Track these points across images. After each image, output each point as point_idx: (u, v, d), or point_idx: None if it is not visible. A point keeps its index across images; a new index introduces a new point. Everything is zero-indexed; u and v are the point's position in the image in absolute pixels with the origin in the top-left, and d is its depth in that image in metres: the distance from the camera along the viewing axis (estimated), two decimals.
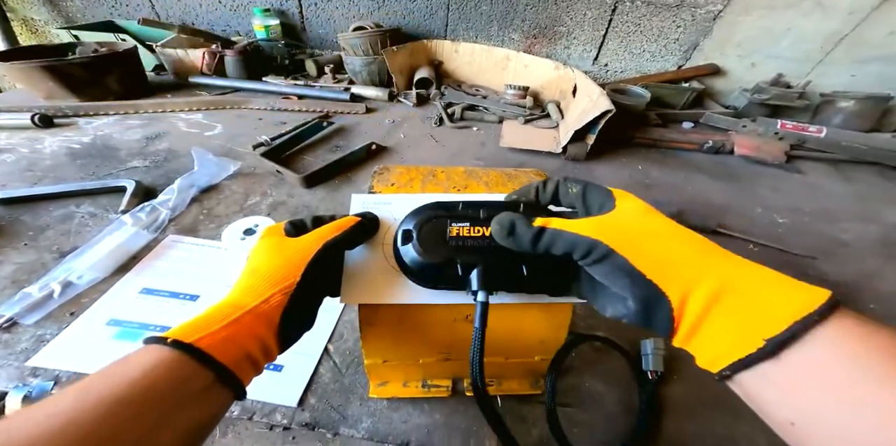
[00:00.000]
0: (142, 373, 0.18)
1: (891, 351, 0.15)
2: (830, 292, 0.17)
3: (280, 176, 0.69)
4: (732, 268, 0.19)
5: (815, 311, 0.16)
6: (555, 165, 0.81)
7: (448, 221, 0.27)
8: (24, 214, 0.56)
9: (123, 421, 0.17)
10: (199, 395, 0.20)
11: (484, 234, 0.26)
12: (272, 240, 0.27)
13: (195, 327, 0.21)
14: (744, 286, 0.18)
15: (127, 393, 0.17)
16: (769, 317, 0.17)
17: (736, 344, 0.17)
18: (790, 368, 0.16)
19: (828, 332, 0.16)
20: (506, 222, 0.24)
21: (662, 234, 0.21)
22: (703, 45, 1.09)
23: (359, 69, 1.05)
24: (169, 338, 0.20)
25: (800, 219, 0.71)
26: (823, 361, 0.16)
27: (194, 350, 0.20)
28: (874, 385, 0.15)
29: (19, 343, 0.41)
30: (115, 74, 0.90)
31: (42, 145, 0.73)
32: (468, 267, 0.25)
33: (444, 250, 0.26)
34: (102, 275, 0.48)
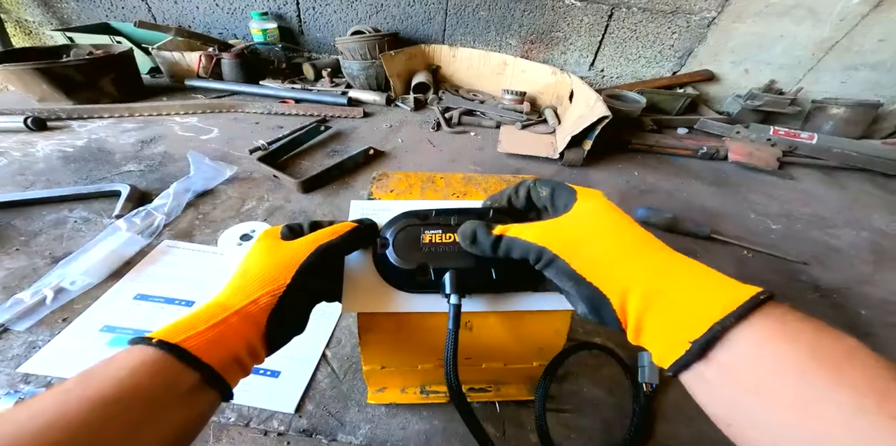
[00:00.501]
0: (126, 373, 0.18)
1: (812, 349, 0.15)
2: (758, 289, 0.17)
3: (277, 180, 0.69)
4: (664, 268, 0.20)
5: (733, 312, 0.16)
6: (552, 171, 0.82)
7: (422, 229, 0.28)
8: (16, 219, 0.56)
9: (106, 421, 0.16)
10: (185, 396, 0.19)
11: (455, 240, 0.27)
12: (266, 243, 0.27)
13: (181, 327, 0.21)
14: (673, 286, 0.19)
15: (110, 392, 0.17)
16: (695, 318, 0.17)
17: (670, 346, 0.18)
18: (720, 369, 0.17)
19: (750, 332, 0.16)
20: (468, 231, 0.25)
21: (603, 236, 0.22)
22: (697, 51, 1.10)
23: (356, 73, 1.05)
24: (154, 339, 0.20)
25: (792, 225, 0.72)
26: (748, 361, 0.16)
27: (180, 350, 0.20)
28: (796, 385, 0.15)
29: (10, 349, 0.40)
30: (110, 77, 0.89)
31: (35, 148, 0.73)
32: (440, 271, 0.27)
33: (418, 256, 0.27)
34: (96, 280, 0.48)
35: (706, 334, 0.16)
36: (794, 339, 0.16)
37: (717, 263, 0.61)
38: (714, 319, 0.17)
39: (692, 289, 0.18)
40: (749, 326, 0.16)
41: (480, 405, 0.39)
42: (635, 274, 0.20)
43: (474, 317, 0.31)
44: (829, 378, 0.14)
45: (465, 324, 0.30)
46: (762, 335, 0.16)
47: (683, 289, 0.18)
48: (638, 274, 0.20)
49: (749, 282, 0.57)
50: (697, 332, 0.17)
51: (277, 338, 0.25)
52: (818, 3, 0.96)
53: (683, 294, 0.18)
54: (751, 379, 0.16)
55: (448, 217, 0.29)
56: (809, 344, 0.16)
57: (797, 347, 0.15)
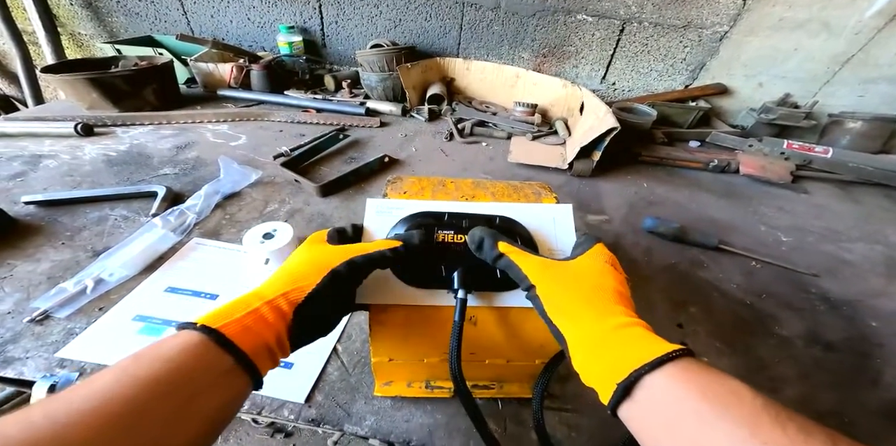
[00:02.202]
0: (174, 354, 0.20)
1: (703, 390, 0.19)
2: (679, 346, 0.21)
3: (298, 185, 0.73)
4: (612, 326, 0.24)
5: (650, 362, 0.20)
6: (560, 181, 0.84)
7: (435, 228, 0.31)
8: (63, 216, 0.61)
9: (157, 398, 0.18)
10: (222, 378, 0.21)
11: (465, 241, 0.30)
12: (311, 245, 0.30)
13: (222, 314, 0.23)
14: (614, 340, 0.23)
15: (159, 372, 0.19)
16: (623, 367, 0.21)
17: (605, 387, 0.22)
18: (640, 407, 0.20)
19: (660, 378, 0.20)
20: (476, 237, 0.30)
21: (581, 290, 0.26)
22: (709, 64, 1.11)
23: (374, 85, 1.11)
24: (198, 324, 0.22)
25: (804, 238, 0.71)
26: (658, 401, 0.20)
27: (218, 335, 0.22)
28: (692, 420, 0.18)
29: (50, 335, 0.43)
30: (152, 87, 0.96)
31: (82, 152, 0.79)
32: (451, 269, 0.30)
33: (432, 251, 0.30)
34: (132, 273, 0.51)
35: (627, 378, 0.20)
36: (691, 382, 0.20)
37: (724, 273, 0.62)
38: (635, 367, 0.20)
39: (629, 345, 0.22)
40: (660, 373, 0.20)
41: (483, 401, 0.40)
42: (588, 327, 0.24)
43: (479, 312, 0.32)
44: (715, 413, 0.18)
45: (469, 318, 0.32)
46: (669, 380, 0.20)
47: (622, 344, 0.23)
48: (590, 327, 0.24)
49: (756, 292, 0.58)
50: (622, 376, 0.21)
51: (302, 334, 0.26)
52: (832, 17, 0.96)
53: (620, 348, 0.22)
54: (662, 417, 0.20)
55: (461, 220, 0.32)
56: (701, 386, 0.19)
57: (693, 388, 0.19)
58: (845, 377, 0.47)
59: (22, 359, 0.40)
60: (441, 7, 1.13)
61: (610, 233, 0.68)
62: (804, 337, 0.51)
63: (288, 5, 1.18)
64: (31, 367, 0.40)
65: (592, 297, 0.26)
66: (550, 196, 0.39)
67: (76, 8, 1.23)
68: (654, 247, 0.65)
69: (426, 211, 0.33)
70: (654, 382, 0.20)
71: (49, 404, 0.17)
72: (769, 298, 0.57)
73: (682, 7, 1.02)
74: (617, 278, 0.27)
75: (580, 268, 0.28)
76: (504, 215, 0.33)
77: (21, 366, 0.40)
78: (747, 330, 0.51)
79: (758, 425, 0.17)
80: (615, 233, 0.68)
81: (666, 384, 0.20)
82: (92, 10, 1.24)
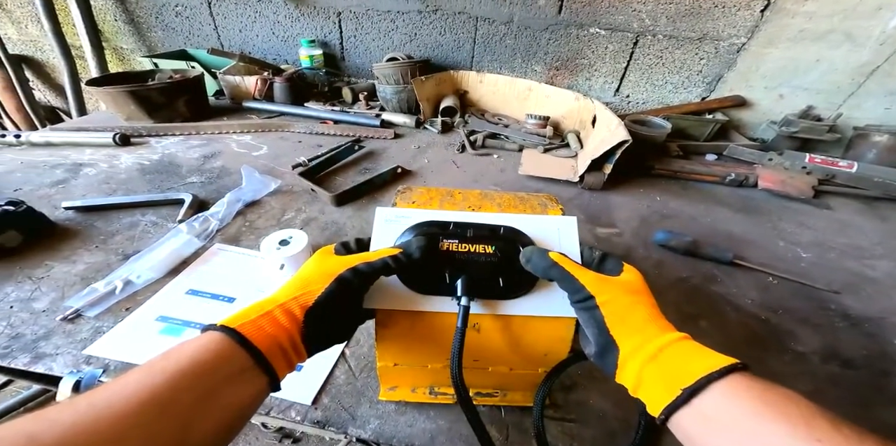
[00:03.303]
0: (196, 352, 0.23)
1: (762, 396, 0.21)
2: (737, 360, 0.23)
3: (314, 194, 0.76)
4: (671, 339, 0.25)
5: (717, 370, 0.22)
6: (571, 193, 0.84)
7: (440, 237, 0.32)
8: (98, 221, 0.65)
9: (181, 390, 0.21)
10: (240, 375, 0.23)
11: (469, 250, 0.31)
12: (320, 255, 0.32)
13: (240, 316, 0.26)
14: (674, 352, 0.25)
15: (184, 366, 0.22)
16: (687, 374, 0.23)
17: (665, 394, 0.23)
18: (700, 413, 0.22)
19: (725, 386, 0.22)
20: (528, 252, 0.32)
21: (636, 304, 0.28)
22: (727, 76, 1.10)
23: (390, 97, 1.14)
24: (219, 324, 0.25)
25: (825, 254, 0.69)
26: (722, 406, 0.21)
27: (236, 334, 0.24)
28: (750, 421, 0.20)
29: (80, 333, 0.46)
30: (184, 99, 1.02)
31: (119, 161, 0.85)
32: (455, 276, 0.31)
33: (437, 262, 0.31)
34: (157, 275, 0.54)
35: (695, 383, 0.22)
36: (752, 390, 0.21)
37: (739, 288, 0.61)
38: (702, 374, 0.22)
39: (688, 355, 0.25)
40: (724, 382, 0.22)
41: (486, 409, 0.40)
42: (649, 339, 0.26)
43: (483, 319, 0.33)
44: (774, 414, 0.20)
45: (473, 325, 0.33)
46: (730, 388, 0.22)
47: (681, 354, 0.25)
48: (651, 340, 0.26)
49: (772, 308, 0.58)
50: (688, 382, 0.22)
51: (316, 337, 0.28)
52: (855, 28, 0.94)
53: (681, 358, 0.24)
54: (722, 420, 0.21)
55: (465, 229, 0.33)
56: (760, 392, 0.21)
57: (753, 395, 0.21)
58: (863, 394, 0.45)
59: (52, 356, 0.43)
60: (455, 22, 1.16)
61: (620, 246, 0.68)
62: (821, 354, 0.49)
63: (310, 20, 1.24)
64: (59, 363, 0.42)
65: (653, 312, 0.28)
66: (556, 207, 0.40)
67: (120, 23, 1.32)
68: (665, 260, 0.64)
69: (432, 220, 0.34)
70: (718, 389, 0.22)
71: (92, 394, 0.19)
72: (785, 314, 0.55)
73: (698, 20, 1.02)
74: (652, 296, 0.30)
75: (632, 284, 0.30)
76: (508, 225, 0.34)
77: (51, 362, 0.42)
78: (761, 345, 0.50)
79: (813, 425, 0.18)
80: (625, 246, 0.68)
81: (728, 391, 0.22)
82: (134, 26, 1.33)
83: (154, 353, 0.23)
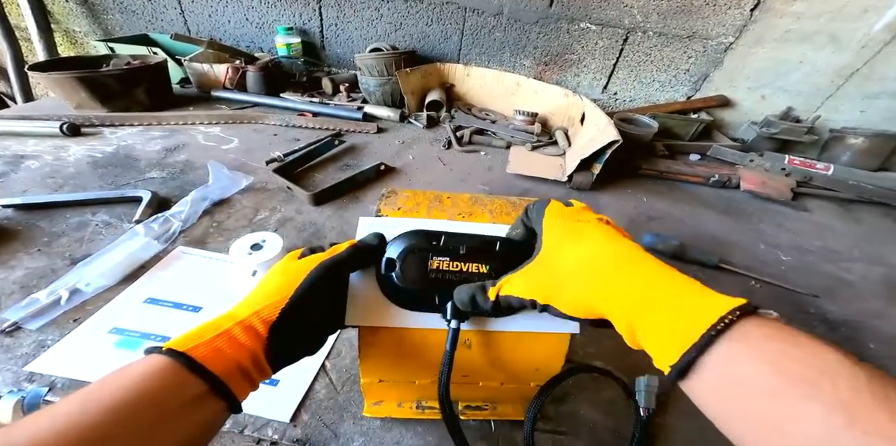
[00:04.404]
0: (139, 380, 0.20)
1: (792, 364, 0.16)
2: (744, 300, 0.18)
3: (290, 192, 0.72)
4: (646, 285, 0.21)
5: (724, 317, 0.17)
6: (560, 193, 0.82)
7: (430, 254, 0.29)
8: (42, 220, 0.59)
9: (121, 424, 0.18)
10: (193, 403, 0.20)
11: (461, 269, 0.29)
12: (283, 263, 0.29)
13: (191, 337, 0.23)
14: (659, 301, 0.20)
15: (124, 397, 0.19)
16: (684, 328, 0.18)
17: (664, 354, 0.19)
18: (705, 382, 0.18)
19: (736, 342, 0.17)
20: (465, 298, 0.27)
21: (580, 271, 0.23)
22: (713, 76, 1.10)
23: (373, 89, 1.09)
24: (165, 347, 0.22)
25: (803, 257, 0.70)
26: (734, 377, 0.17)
27: (186, 358, 0.21)
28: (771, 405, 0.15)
29: (20, 347, 0.41)
30: (143, 86, 0.94)
31: (67, 153, 0.77)
32: (444, 297, 0.29)
33: (425, 281, 0.29)
34: (110, 283, 0.49)
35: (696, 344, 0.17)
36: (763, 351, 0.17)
37: (724, 292, 0.59)
38: (705, 326, 0.17)
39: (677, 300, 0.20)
40: (736, 333, 0.17)
41: (476, 423, 0.39)
42: (620, 299, 0.21)
43: (474, 335, 0.32)
44: (799, 392, 0.15)
45: (464, 341, 0.31)
46: (744, 343, 0.17)
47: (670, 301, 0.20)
48: (622, 299, 0.21)
49: None
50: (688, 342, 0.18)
51: (282, 353, 0.25)
52: (840, 30, 0.95)
53: (670, 307, 0.20)
54: (731, 397, 0.17)
55: (457, 244, 0.30)
56: (775, 355, 0.16)
57: (765, 359, 0.16)
58: None
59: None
60: (443, 12, 1.11)
61: None
62: None
63: (287, 6, 1.17)
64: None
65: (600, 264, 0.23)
66: None
67: (72, 5, 1.20)
68: None
69: (419, 230, 0.31)
70: (727, 345, 0.17)
71: (11, 431, 0.17)
72: None
73: (688, 17, 1.01)
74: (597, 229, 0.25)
75: (555, 247, 0.25)
76: (504, 237, 0.32)
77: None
78: None
79: (856, 408, 0.13)
80: None
81: (740, 349, 0.17)
82: (87, 8, 1.21)
83: (109, 369, 0.20)
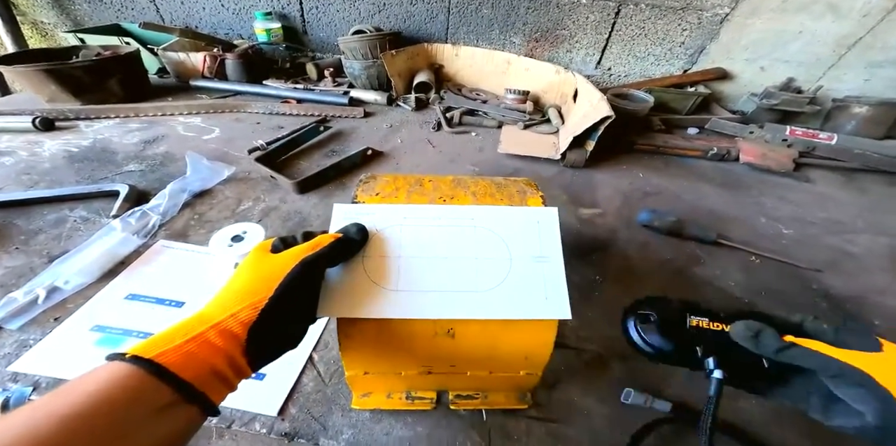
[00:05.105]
0: (96, 388, 0.18)
1: None
2: None
3: (274, 181, 0.69)
4: None
5: None
6: (552, 172, 0.80)
7: (687, 313, 0.30)
8: (18, 218, 0.57)
9: (76, 436, 0.16)
10: (161, 411, 0.19)
11: (723, 329, 0.28)
12: (255, 256, 0.27)
13: (158, 342, 0.21)
14: None
15: (80, 408, 0.17)
16: None
17: None
18: None
19: None
20: (754, 328, 0.26)
21: None
22: (709, 48, 1.06)
23: (358, 73, 1.05)
24: (128, 354, 0.20)
25: (806, 230, 0.68)
26: None
27: (153, 365, 0.19)
28: None
29: (2, 348, 0.40)
30: (117, 78, 0.91)
31: (41, 148, 0.74)
32: (707, 353, 0.28)
33: (685, 336, 0.29)
34: (89, 280, 0.48)
35: None
36: None
37: (722, 270, 0.59)
38: None
39: None
40: None
41: (467, 412, 0.38)
42: None
43: (457, 324, 0.30)
44: None
45: (447, 331, 0.30)
46: None
47: None
48: None
49: (755, 290, 0.54)
50: None
51: (262, 353, 0.24)
52: None
53: None
54: None
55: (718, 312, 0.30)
56: None
57: None
58: None
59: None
60: None
61: (604, 228, 0.64)
62: None
63: None
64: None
65: None
66: (536, 195, 0.37)
67: None
68: (649, 242, 0.62)
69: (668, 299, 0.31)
70: None
71: None
72: (769, 296, 0.54)
73: None
74: None
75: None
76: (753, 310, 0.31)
77: None
78: None
79: None
80: (609, 228, 0.65)
81: None
82: None
83: (89, 368, 0.19)
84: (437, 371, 0.34)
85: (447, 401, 0.38)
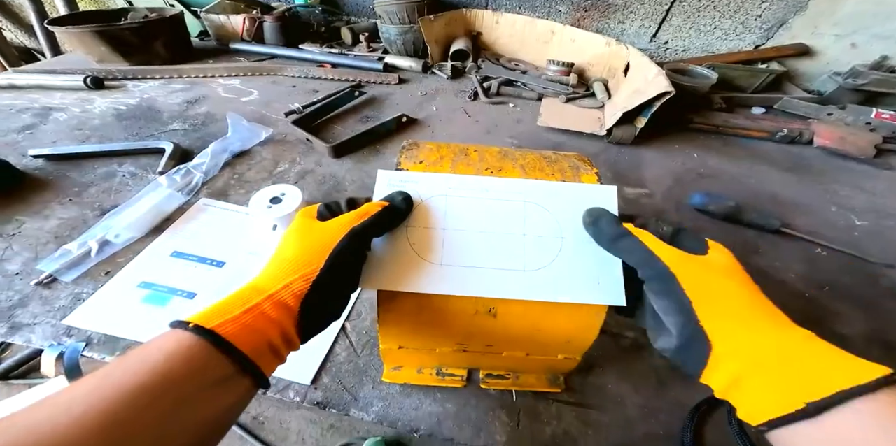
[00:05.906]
0: (162, 359, 0.18)
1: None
2: (891, 371, 0.17)
3: (309, 144, 0.69)
4: (794, 338, 0.20)
5: (865, 384, 0.17)
6: (596, 148, 0.75)
7: None
8: (71, 171, 0.59)
9: (139, 409, 0.17)
10: (219, 382, 0.19)
11: None
12: (302, 224, 0.26)
13: (217, 311, 0.21)
14: (795, 353, 0.20)
15: (144, 379, 0.17)
16: (815, 383, 0.18)
17: (777, 403, 0.18)
18: (825, 434, 0.17)
19: (869, 405, 0.17)
20: (595, 213, 0.27)
21: (733, 291, 0.22)
22: (792, 22, 0.93)
23: (394, 38, 1.01)
24: (191, 323, 0.20)
25: (882, 221, 0.61)
26: (857, 434, 0.17)
27: (214, 336, 0.19)
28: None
29: (58, 300, 0.42)
30: (162, 39, 0.92)
31: (92, 106, 0.77)
32: None
33: None
34: (138, 234, 0.49)
35: (829, 398, 0.17)
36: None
37: (782, 261, 0.54)
38: (839, 387, 0.17)
39: (816, 358, 0.19)
40: (870, 398, 0.17)
41: (496, 392, 0.37)
42: (759, 337, 0.20)
43: (500, 303, 0.28)
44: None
45: (489, 310, 0.29)
46: (879, 408, 0.17)
47: (806, 356, 0.19)
48: (762, 335, 0.21)
49: (818, 284, 0.49)
50: (818, 395, 0.17)
51: (312, 325, 0.24)
52: None
53: (805, 360, 0.19)
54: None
55: None
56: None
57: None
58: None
59: (30, 325, 0.39)
60: None
61: (650, 209, 0.60)
62: (866, 336, 0.44)
63: None
64: (38, 334, 0.39)
65: (759, 300, 0.22)
66: (591, 172, 0.33)
67: None
68: (701, 226, 0.57)
69: None
70: (857, 407, 0.17)
71: (32, 414, 0.16)
72: (832, 291, 0.49)
73: None
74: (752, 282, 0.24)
75: (724, 265, 0.24)
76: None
77: (29, 333, 0.39)
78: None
79: None
80: (656, 209, 0.60)
81: (873, 411, 0.17)
82: None
83: (136, 325, 0.19)
84: (472, 349, 0.33)
85: (478, 380, 0.37)
